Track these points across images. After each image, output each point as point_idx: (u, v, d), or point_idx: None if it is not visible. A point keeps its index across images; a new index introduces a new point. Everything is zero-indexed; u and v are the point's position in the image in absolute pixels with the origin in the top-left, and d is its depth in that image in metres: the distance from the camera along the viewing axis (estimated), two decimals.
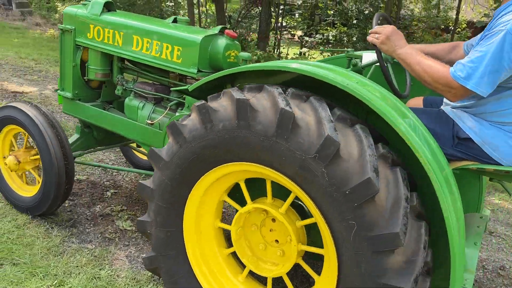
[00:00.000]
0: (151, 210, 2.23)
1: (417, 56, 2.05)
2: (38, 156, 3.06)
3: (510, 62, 1.82)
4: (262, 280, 2.33)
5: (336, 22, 13.73)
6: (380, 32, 2.20)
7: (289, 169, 1.74)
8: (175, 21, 2.95)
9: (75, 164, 3.85)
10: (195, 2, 14.64)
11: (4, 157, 3.23)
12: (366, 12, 12.81)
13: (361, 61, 2.64)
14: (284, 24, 14.80)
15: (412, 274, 1.58)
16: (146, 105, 2.97)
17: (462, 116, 2.10)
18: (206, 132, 1.93)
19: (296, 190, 1.83)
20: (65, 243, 2.94)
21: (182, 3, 16.45)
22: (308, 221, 1.99)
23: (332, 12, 13.83)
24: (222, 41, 2.69)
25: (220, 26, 2.78)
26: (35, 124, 2.91)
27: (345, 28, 13.28)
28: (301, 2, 14.67)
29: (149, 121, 2.87)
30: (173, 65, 2.74)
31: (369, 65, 2.67)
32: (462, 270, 1.68)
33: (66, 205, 3.41)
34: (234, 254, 2.32)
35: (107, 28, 2.98)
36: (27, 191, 3.23)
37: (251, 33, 13.58)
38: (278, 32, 13.52)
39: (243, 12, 13.49)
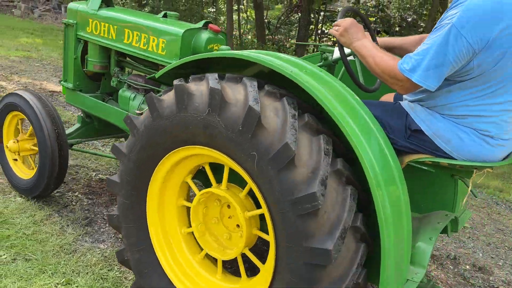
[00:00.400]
0: (123, 236, 2.31)
1: (371, 49, 2.05)
2: (32, 132, 3.25)
3: (455, 56, 1.78)
4: (238, 274, 2.29)
5: (378, 29, 13.44)
6: (339, 25, 2.21)
7: (200, 136, 1.90)
8: (165, 16, 3.07)
9: (88, 155, 4.11)
10: (235, 8, 14.75)
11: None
12: (410, 19, 12.45)
13: (332, 56, 2.65)
14: (324, 30, 14.63)
15: (316, 178, 1.62)
16: (137, 96, 3.06)
17: (416, 108, 2.07)
18: (135, 139, 2.11)
19: (221, 158, 1.92)
20: (78, 241, 2.95)
21: (223, 9, 16.65)
22: (246, 189, 2.05)
23: (374, 19, 13.55)
24: (205, 35, 2.76)
25: (204, 21, 2.85)
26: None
27: (387, 36, 12.96)
28: (341, 8, 14.49)
29: (137, 111, 2.94)
30: (158, 57, 2.82)
31: (339, 59, 2.65)
32: (393, 266, 1.68)
33: (85, 203, 3.43)
34: (207, 255, 2.33)
35: (103, 22, 3.13)
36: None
37: (290, 39, 13.52)
38: (318, 39, 13.38)
39: (282, 18, 13.46)
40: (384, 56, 1.99)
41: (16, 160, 3.41)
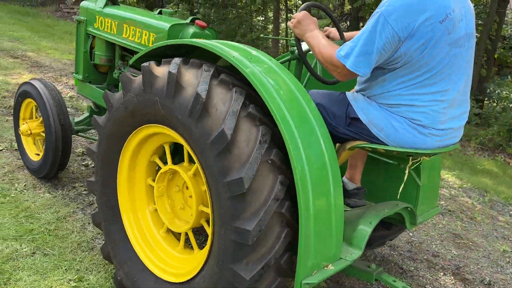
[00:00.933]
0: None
1: (318, 39, 2.16)
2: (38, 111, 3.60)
3: (383, 43, 1.89)
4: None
5: None
6: (294, 17, 2.32)
7: (141, 116, 2.16)
8: (160, 13, 3.28)
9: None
10: (284, 17, 14.76)
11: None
12: None
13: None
14: None
15: (225, 118, 1.78)
16: None
17: (358, 98, 2.18)
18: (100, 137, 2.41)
19: (163, 130, 2.13)
20: (96, 240, 3.00)
21: (272, 18, 16.69)
22: (185, 155, 2.25)
23: None
24: (191, 30, 2.93)
25: (191, 17, 3.01)
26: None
27: None
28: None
29: None
30: None
31: (306, 52, 2.73)
32: (313, 243, 1.78)
33: None
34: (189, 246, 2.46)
35: (107, 18, 3.39)
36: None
37: None
38: None
39: (330, 26, 13.31)
40: (327, 44, 2.11)
41: (38, 155, 3.64)
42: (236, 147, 1.77)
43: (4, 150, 4.08)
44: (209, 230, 2.07)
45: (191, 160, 2.22)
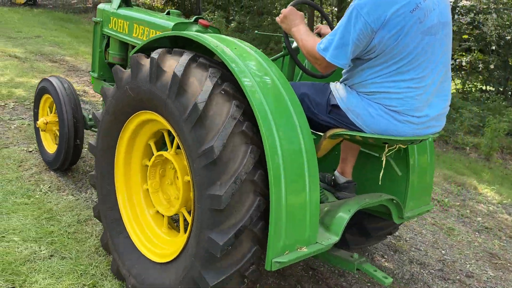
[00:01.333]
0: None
1: (303, 32, 2.25)
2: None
3: (357, 34, 1.99)
4: None
5: (474, 48, 12.43)
6: (282, 13, 2.40)
7: (120, 110, 2.39)
8: (168, 13, 3.39)
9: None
10: (318, 23, 14.61)
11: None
12: (508, 37, 11.38)
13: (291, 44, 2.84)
14: None
15: (202, 94, 1.94)
16: None
17: (340, 87, 2.26)
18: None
19: (141, 116, 2.33)
20: None
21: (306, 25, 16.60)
22: (166, 138, 2.43)
23: (467, 36, 12.58)
24: (194, 28, 3.05)
25: (195, 16, 3.11)
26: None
27: (482, 55, 11.95)
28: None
29: None
30: None
31: (296, 47, 2.79)
32: (284, 223, 1.84)
33: None
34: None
35: (120, 19, 3.56)
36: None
37: None
38: None
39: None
40: (310, 37, 2.20)
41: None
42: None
43: (33, 152, 4.15)
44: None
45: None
